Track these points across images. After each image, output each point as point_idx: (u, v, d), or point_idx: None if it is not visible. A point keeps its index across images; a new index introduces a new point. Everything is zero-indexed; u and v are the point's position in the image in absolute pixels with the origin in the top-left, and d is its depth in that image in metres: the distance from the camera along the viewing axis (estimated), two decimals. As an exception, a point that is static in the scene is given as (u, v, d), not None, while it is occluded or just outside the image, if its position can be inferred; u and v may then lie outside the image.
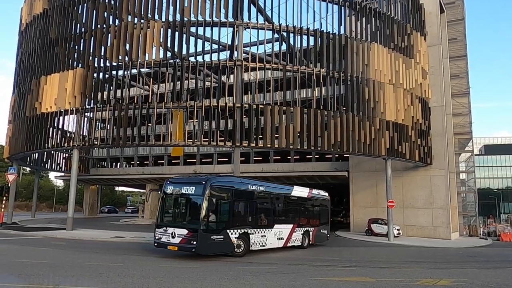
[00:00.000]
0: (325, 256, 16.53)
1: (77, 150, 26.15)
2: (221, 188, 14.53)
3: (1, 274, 9.85)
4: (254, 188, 16.03)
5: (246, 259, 14.48)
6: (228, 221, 14.44)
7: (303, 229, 18.75)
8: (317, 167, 35.38)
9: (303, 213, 19.43)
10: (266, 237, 16.08)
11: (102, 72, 25.34)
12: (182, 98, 25.03)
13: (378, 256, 17.70)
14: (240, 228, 14.79)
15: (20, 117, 28.66)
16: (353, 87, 25.71)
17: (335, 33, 25.91)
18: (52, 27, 27.04)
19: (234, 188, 15.10)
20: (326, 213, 21.22)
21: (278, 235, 16.97)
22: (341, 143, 24.52)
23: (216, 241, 13.71)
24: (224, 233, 14.04)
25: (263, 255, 16.01)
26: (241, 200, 15.43)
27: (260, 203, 16.36)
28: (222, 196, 14.42)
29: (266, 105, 24.33)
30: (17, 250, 14.70)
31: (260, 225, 15.96)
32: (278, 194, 17.61)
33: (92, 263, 11.93)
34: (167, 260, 13.29)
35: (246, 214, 15.68)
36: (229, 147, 24.94)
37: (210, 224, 13.62)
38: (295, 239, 18.11)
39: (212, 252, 13.95)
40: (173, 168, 41.33)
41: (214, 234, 13.68)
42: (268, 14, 26.46)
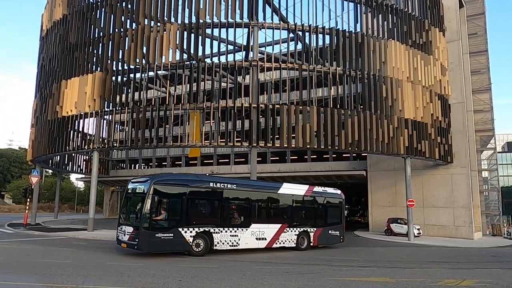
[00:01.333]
0: (344, 256, 16.38)
1: (97, 152, 26.65)
2: (169, 186, 14.52)
3: (26, 274, 10.13)
4: (218, 186, 15.52)
5: (263, 259, 14.48)
6: (180, 219, 14.29)
7: (297, 230, 17.59)
8: (335, 166, 35.11)
9: (298, 212, 18.30)
10: (238, 237, 15.56)
11: (120, 75, 25.78)
12: (198, 99, 25.23)
13: (398, 256, 17.44)
14: (198, 226, 14.52)
15: (42, 120, 29.39)
16: (370, 85, 25.41)
17: (351, 31, 25.66)
18: (71, 32, 27.66)
19: (188, 186, 14.89)
20: (337, 212, 19.81)
21: (258, 235, 16.20)
22: (359, 142, 24.27)
23: (162, 239, 13.65)
24: (175, 231, 13.95)
25: (281, 255, 15.99)
26: (199, 198, 15.30)
27: (228, 201, 15.87)
28: (171, 194, 14.42)
29: (282, 105, 24.28)
30: (41, 250, 15.09)
31: (229, 224, 15.53)
32: (256, 193, 16.88)
33: (113, 263, 12.14)
34: (186, 261, 13.42)
35: (207, 213, 15.64)
36: (246, 147, 25.00)
37: (153, 222, 13.61)
38: (285, 240, 17.07)
39: (158, 250, 13.91)
40: (190, 169, 41.71)
41: (159, 232, 13.63)
42: (283, 14, 26.42)
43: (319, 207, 19.14)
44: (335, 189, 20.32)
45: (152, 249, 13.77)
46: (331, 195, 19.79)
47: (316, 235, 18.35)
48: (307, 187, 19.20)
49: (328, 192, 19.73)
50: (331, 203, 19.65)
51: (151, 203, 13.66)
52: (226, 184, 15.85)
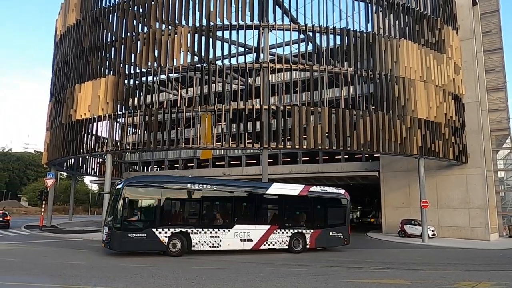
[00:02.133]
0: (357, 258, 16.25)
1: (110, 155, 26.97)
2: (142, 187, 14.90)
3: (43, 275, 10.30)
4: (196, 186, 15.51)
5: (275, 261, 14.47)
6: (153, 220, 14.54)
7: (290, 231, 16.98)
8: (347, 167, 34.87)
9: (291, 213, 17.86)
10: (219, 238, 15.43)
11: (132, 78, 26.05)
12: (210, 101, 25.34)
13: (412, 257, 17.23)
14: (174, 227, 14.66)
15: (57, 124, 29.88)
16: (382, 85, 25.20)
17: (362, 31, 25.50)
18: (84, 37, 28.07)
19: (162, 187, 15.04)
20: (339, 213, 18.76)
21: (242, 236, 15.90)
22: (371, 142, 24.07)
23: (135, 239, 13.96)
24: (149, 231, 14.21)
25: (293, 256, 15.94)
26: (175, 199, 15.43)
27: (208, 202, 15.86)
28: (144, 196, 14.82)
29: (294, 106, 24.24)
30: (56, 251, 15.33)
31: (209, 224, 15.50)
32: (240, 193, 16.63)
33: (127, 265, 12.26)
34: (198, 262, 13.48)
35: (184, 213, 15.68)
36: (257, 149, 25.01)
37: (125, 223, 14.05)
38: (275, 242, 16.59)
39: (131, 250, 14.26)
40: (202, 170, 41.91)
41: (132, 233, 13.97)
42: (293, 15, 26.36)
43: (316, 207, 18.35)
44: (338, 188, 19.44)
45: (124, 248, 14.17)
46: (332, 195, 18.85)
47: (313, 237, 17.52)
48: (302, 186, 18.50)
49: (328, 192, 18.82)
50: (332, 204, 18.75)
51: (123, 204, 14.11)
52: (205, 184, 15.79)
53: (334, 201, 18.84)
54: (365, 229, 37.07)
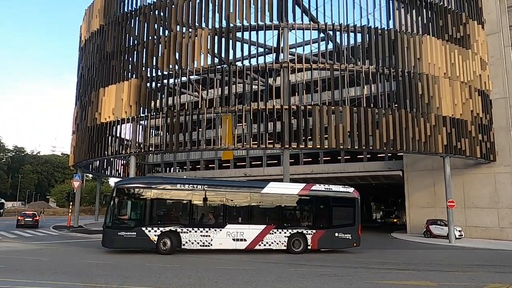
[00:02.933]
0: (381, 259, 15.98)
1: (134, 157, 27.48)
2: (132, 188, 15.87)
3: (71, 274, 10.60)
4: (186, 187, 15.93)
5: (298, 261, 14.40)
6: (143, 219, 15.33)
7: (289, 231, 16.54)
8: (369, 167, 34.39)
9: (289, 212, 17.56)
10: (211, 237, 15.60)
11: (154, 81, 26.47)
12: (230, 102, 25.48)
13: (438, 259, 16.81)
14: (164, 226, 15.21)
15: (82, 127, 30.69)
16: (405, 82, 24.71)
17: (383, 28, 25.08)
18: (108, 42, 28.73)
19: (152, 188, 15.66)
20: (347, 213, 17.76)
21: (235, 236, 15.88)
22: (394, 141, 23.64)
23: (125, 237, 14.83)
24: (138, 230, 14.96)
25: (317, 256, 15.82)
26: (164, 199, 16.02)
27: (199, 201, 16.11)
28: (134, 196, 15.75)
29: (314, 106, 24.08)
30: (83, 251, 15.75)
31: (199, 224, 15.83)
32: (232, 193, 16.70)
33: (152, 265, 12.47)
34: (222, 262, 13.57)
35: (174, 213, 16.31)
36: (278, 149, 24.97)
37: (116, 222, 15.13)
38: (271, 242, 16.28)
39: (122, 247, 15.14)
40: (224, 171, 42.18)
41: (122, 231, 14.92)
42: (313, 14, 26.20)
43: (320, 207, 17.72)
44: (346, 187, 18.55)
45: (115, 246, 15.10)
46: (338, 193, 17.82)
47: (315, 237, 16.83)
48: (302, 185, 17.92)
49: (333, 190, 17.90)
50: (339, 203, 17.76)
51: (113, 204, 15.27)
52: (196, 185, 16.14)
53: (341, 200, 17.81)
54: (388, 229, 36.45)
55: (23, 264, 12.17)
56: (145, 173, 48.60)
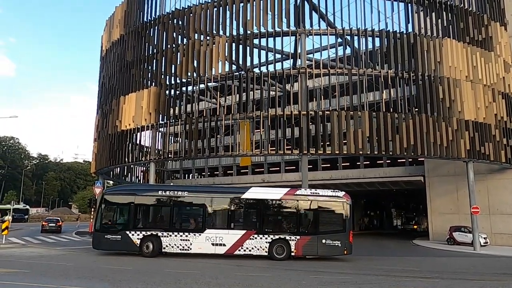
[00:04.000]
0: (403, 266, 15.66)
1: (154, 164, 27.84)
2: (118, 195, 17.21)
3: (94, 279, 10.78)
4: (166, 193, 16.79)
5: (317, 268, 14.24)
6: (127, 223, 16.42)
7: (270, 237, 16.16)
8: (389, 172, 33.83)
9: (271, 218, 17.21)
10: (190, 241, 16.05)
11: (173, 89, 26.86)
12: (248, 109, 25.59)
13: (463, 267, 16.35)
14: (146, 230, 16.17)
15: (104, 135, 31.32)
16: (425, 86, 24.30)
17: (402, 32, 24.79)
18: (128, 51, 29.34)
19: (135, 194, 16.85)
20: (336, 218, 16.83)
21: (214, 241, 16.04)
22: (415, 146, 23.22)
23: (111, 240, 16.07)
24: (123, 234, 16.09)
25: (336, 264, 15.61)
26: (147, 205, 17.03)
27: (178, 207, 16.89)
28: (119, 202, 16.93)
29: (333, 111, 23.93)
30: (104, 257, 15.97)
31: (179, 228, 16.41)
32: (212, 198, 16.95)
33: (171, 270, 12.56)
34: (242, 269, 13.55)
35: (156, 218, 17.22)
36: (296, 155, 24.88)
37: (103, 226, 16.46)
38: (252, 247, 16.08)
39: (108, 249, 16.37)
40: (242, 177, 42.21)
41: (108, 234, 16.15)
42: (330, 19, 26.15)
43: (304, 212, 17.09)
44: (336, 191, 17.65)
45: (102, 248, 16.40)
46: (325, 198, 17.00)
47: (300, 244, 16.21)
48: (286, 190, 17.34)
49: (321, 195, 17.11)
50: (327, 208, 16.97)
51: (101, 210, 16.72)
52: (176, 191, 16.88)
53: (329, 205, 17.00)
54: (410, 236, 35.69)
55: (47, 269, 12.45)
56: (164, 180, 49.11)
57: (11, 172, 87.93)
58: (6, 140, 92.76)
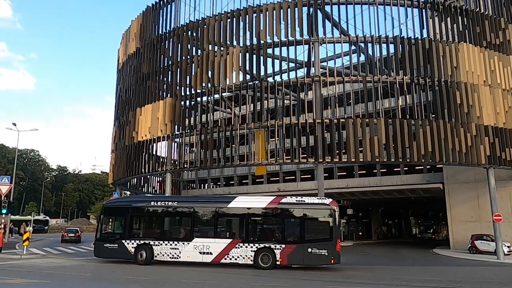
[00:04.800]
0: (424, 276, 15.28)
1: (170, 174, 28.07)
2: (114, 207, 18.73)
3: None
4: (158, 204, 17.68)
5: (336, 278, 14.02)
6: (123, 233, 17.33)
7: (255, 246, 16.06)
8: (407, 179, 33.27)
9: (256, 226, 17.21)
10: (179, 250, 16.53)
11: (188, 99, 27.15)
12: (262, 118, 25.64)
13: (486, 277, 15.86)
14: (139, 239, 17.02)
15: (121, 146, 31.78)
16: (442, 92, 23.94)
17: (417, 38, 24.57)
18: (144, 63, 29.86)
19: (130, 206, 18.17)
20: (322, 227, 16.48)
21: (202, 249, 16.34)
22: (433, 153, 22.81)
23: (109, 248, 17.05)
24: (119, 243, 16.98)
25: (355, 273, 15.34)
26: (140, 216, 18.08)
27: (168, 217, 17.86)
28: (116, 213, 18.15)
29: (348, 119, 23.78)
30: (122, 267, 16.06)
31: (169, 237, 17.02)
32: (199, 208, 17.64)
33: (188, 281, 12.56)
34: (259, 279, 13.45)
35: (149, 227, 18.16)
36: (312, 163, 24.74)
37: (103, 235, 17.57)
38: (237, 256, 16.05)
39: (107, 257, 17.32)
40: (257, 187, 42.15)
41: (107, 243, 17.16)
42: (343, 27, 26.14)
43: (290, 220, 16.86)
44: (323, 198, 17.31)
45: (101, 256, 17.44)
46: (311, 206, 16.69)
47: (285, 252, 15.88)
48: (271, 198, 17.21)
49: (307, 203, 16.78)
50: (312, 216, 16.77)
51: (101, 220, 18.03)
52: (167, 202, 17.90)
53: (315, 213, 16.73)
54: (429, 245, 34.90)
55: (67, 280, 12.61)
56: (180, 190, 49.44)
57: (31, 184, 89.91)
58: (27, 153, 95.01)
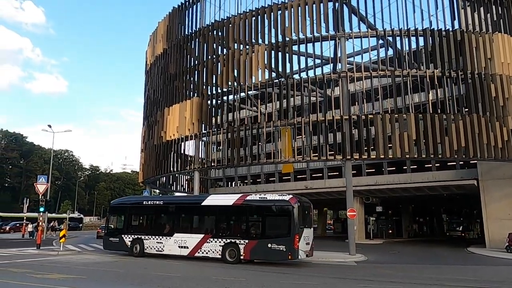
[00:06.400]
0: (458, 275, 14.80)
1: (198, 172, 28.47)
2: (117, 206, 21.26)
3: (144, 285, 11.14)
4: (149, 203, 20.19)
5: (366, 276, 13.82)
6: (122, 228, 19.65)
7: (223, 241, 16.82)
8: (439, 176, 32.27)
9: (224, 223, 18.12)
10: (163, 244, 18.28)
11: (214, 98, 27.44)
12: (289, 115, 25.55)
13: (526, 276, 15.17)
14: (134, 234, 19.02)
15: (150, 146, 32.51)
16: (475, 85, 23.07)
17: (448, 29, 23.77)
18: (171, 64, 30.39)
19: (128, 204, 21.02)
20: (281, 223, 16.57)
21: (180, 244, 17.83)
22: (466, 148, 22.04)
23: (113, 242, 19.51)
24: (120, 237, 19.29)
25: (387, 272, 15.06)
26: (136, 213, 20.29)
27: (155, 214, 19.79)
28: (118, 211, 20.73)
29: (376, 114, 23.33)
30: (154, 263, 16.47)
31: (156, 232, 18.70)
32: (178, 206, 19.86)
33: (218, 277, 12.70)
34: (289, 277, 13.44)
35: (141, 224, 20.13)
36: (340, 160, 24.44)
37: (109, 231, 20.19)
38: (208, 251, 17.12)
39: (112, 250, 19.76)
40: (285, 184, 42.05)
41: (112, 237, 19.69)
42: (370, 21, 25.60)
43: (252, 217, 17.58)
44: (283, 195, 17.37)
45: (108, 248, 19.92)
46: (272, 202, 17.05)
47: (248, 247, 16.36)
48: (238, 196, 18.09)
49: (268, 199, 17.20)
50: (272, 212, 17.05)
51: (108, 217, 21.23)
52: (156, 201, 20.59)
53: (274, 210, 17.00)
54: (463, 244, 33.74)
55: (102, 275, 13.03)
56: (207, 188, 49.98)
57: (66, 183, 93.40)
58: (62, 153, 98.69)
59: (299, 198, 17.00)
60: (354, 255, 20.57)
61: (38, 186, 23.70)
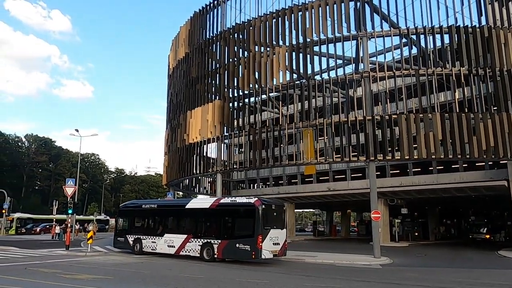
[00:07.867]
0: (490, 280, 14.30)
1: (220, 175, 28.66)
2: (125, 208, 23.53)
3: (169, 286, 11.29)
4: (146, 206, 22.18)
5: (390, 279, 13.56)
6: (127, 229, 21.97)
7: (201, 241, 18.43)
8: (466, 177, 31.33)
9: (202, 224, 19.58)
10: (156, 243, 20.16)
11: (236, 101, 27.58)
12: (310, 117, 25.39)
13: (562, 281, 14.50)
14: (135, 234, 21.20)
15: (173, 148, 32.97)
16: (505, 82, 22.27)
17: (474, 26, 23.08)
18: (193, 68, 30.77)
19: (131, 208, 23.28)
20: (247, 224, 17.51)
21: (169, 243, 19.57)
22: (496, 148, 21.31)
23: (120, 241, 21.94)
24: (125, 237, 21.64)
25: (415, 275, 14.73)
26: (137, 215, 22.32)
27: (151, 216, 21.60)
28: (124, 214, 23.03)
29: (400, 115, 22.89)
30: (178, 264, 16.70)
31: (150, 233, 20.66)
32: (167, 209, 22.08)
33: (242, 279, 12.75)
34: (312, 279, 13.35)
35: (140, 225, 22.03)
36: (363, 161, 24.09)
37: (118, 231, 22.77)
38: (189, 250, 18.73)
39: (120, 248, 22.08)
40: (307, 186, 41.82)
41: (119, 237, 22.13)
42: (393, 20, 25.15)
43: (224, 218, 18.84)
44: (250, 197, 19.18)
45: (117, 247, 22.37)
46: (239, 205, 18.55)
47: (220, 247, 17.77)
48: (214, 199, 20.10)
49: (237, 203, 19.00)
50: (240, 214, 18.40)
51: (117, 219, 24.06)
52: (151, 204, 22.50)
53: (241, 212, 18.35)
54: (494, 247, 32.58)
55: (128, 276, 13.30)
56: (230, 190, 50.24)
57: (93, 186, 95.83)
58: (88, 157, 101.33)
59: (266, 201, 18.38)
60: (379, 258, 20.23)
61: (66, 189, 24.43)
